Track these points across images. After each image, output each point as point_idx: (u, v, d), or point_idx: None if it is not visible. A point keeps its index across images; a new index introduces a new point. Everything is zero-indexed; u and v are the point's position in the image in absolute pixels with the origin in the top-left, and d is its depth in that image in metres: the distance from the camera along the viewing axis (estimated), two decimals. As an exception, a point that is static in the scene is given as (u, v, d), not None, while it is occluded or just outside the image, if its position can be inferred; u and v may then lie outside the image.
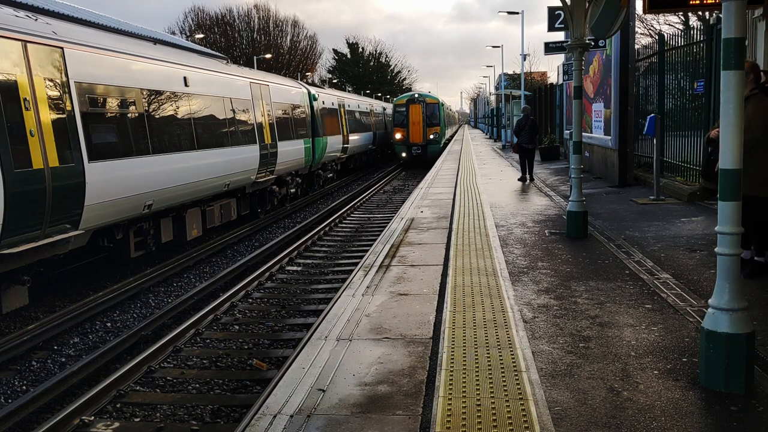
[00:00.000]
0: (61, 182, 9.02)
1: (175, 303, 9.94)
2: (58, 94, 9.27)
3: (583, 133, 13.41)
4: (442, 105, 36.84)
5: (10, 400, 6.83)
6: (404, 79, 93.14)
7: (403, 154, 34.82)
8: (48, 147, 8.83)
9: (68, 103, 9.43)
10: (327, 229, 15.85)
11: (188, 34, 56.76)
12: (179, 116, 12.93)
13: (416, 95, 36.41)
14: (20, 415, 6.27)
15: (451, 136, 54.56)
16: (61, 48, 9.45)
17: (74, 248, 9.60)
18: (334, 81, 78.07)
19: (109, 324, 9.43)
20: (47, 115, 8.90)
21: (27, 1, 9.57)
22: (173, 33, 52.32)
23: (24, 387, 7.28)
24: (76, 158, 9.47)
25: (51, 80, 9.13)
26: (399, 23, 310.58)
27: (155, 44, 14.33)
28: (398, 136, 35.05)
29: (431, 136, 34.82)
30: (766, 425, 3.70)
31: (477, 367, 4.52)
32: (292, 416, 3.94)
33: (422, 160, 33.73)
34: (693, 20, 32.27)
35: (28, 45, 8.71)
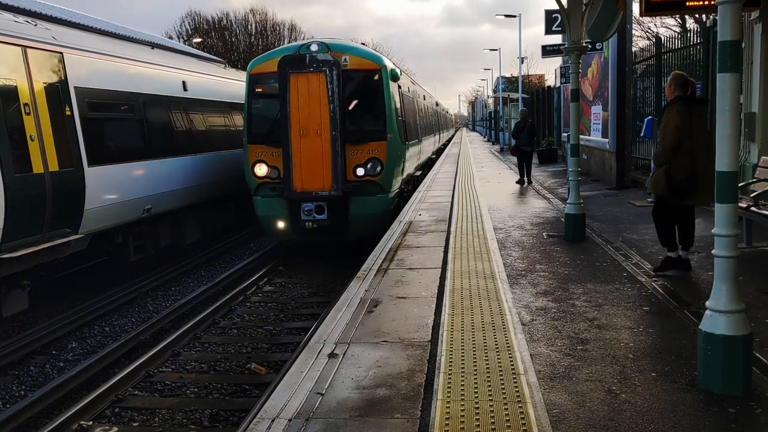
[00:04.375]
0: (61, 186, 9.04)
1: (173, 307, 9.93)
2: (58, 98, 9.30)
3: (581, 136, 13.44)
4: (393, 74, 12.64)
5: (8, 405, 6.82)
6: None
7: (280, 226, 12.17)
8: (48, 151, 8.85)
9: (68, 108, 9.46)
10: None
11: (185, 38, 56.77)
12: (178, 120, 12.94)
13: (311, 46, 11.91)
14: (18, 420, 6.26)
15: (446, 143, 45.55)
16: (61, 53, 9.48)
17: (74, 252, 9.61)
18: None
19: (107, 328, 9.41)
20: (47, 120, 8.93)
21: (27, 6, 9.63)
22: (170, 37, 52.28)
23: (22, 392, 7.27)
24: (76, 163, 9.49)
25: (51, 85, 9.16)
26: (390, 27, 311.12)
27: (153, 48, 14.34)
28: (261, 171, 12.21)
29: (360, 171, 11.97)
30: (764, 427, 3.71)
31: (475, 370, 4.52)
32: (290, 420, 3.93)
33: (335, 237, 12.24)
34: (690, 23, 32.37)
35: (28, 50, 8.74)
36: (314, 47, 11.62)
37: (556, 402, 4.03)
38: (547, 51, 22.17)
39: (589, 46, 13.48)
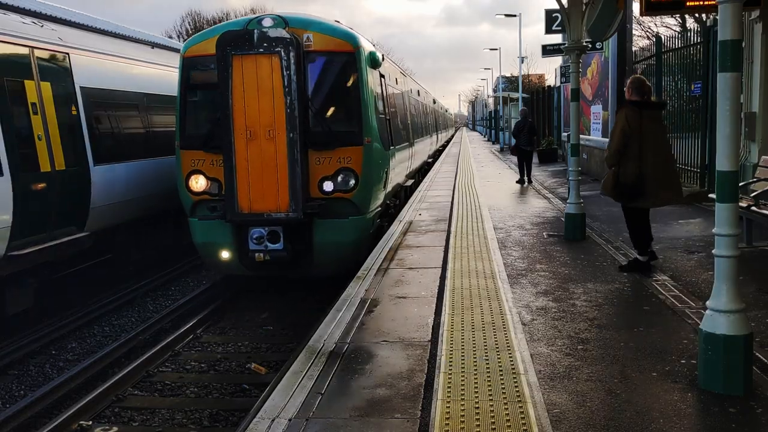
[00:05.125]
0: (67, 185, 9.11)
1: (173, 307, 9.92)
2: (65, 98, 9.35)
3: (582, 136, 13.43)
4: (372, 58, 9.67)
5: (8, 405, 6.81)
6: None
7: (223, 257, 9.24)
8: (55, 150, 8.93)
9: (74, 108, 9.52)
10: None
11: (186, 38, 56.82)
12: None
13: (263, 20, 8.94)
14: (18, 420, 6.26)
15: (445, 144, 42.98)
16: (67, 53, 9.55)
17: (79, 249, 9.64)
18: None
19: (107, 328, 9.41)
20: (54, 120, 9.00)
21: (32, 7, 9.72)
22: (170, 37, 52.34)
23: (22, 392, 7.27)
24: (82, 161, 9.57)
25: (57, 85, 9.20)
26: (389, 26, 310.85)
27: (153, 48, 14.33)
28: (197, 185, 9.22)
29: (328, 185, 9.01)
30: (765, 427, 3.70)
31: (475, 369, 4.51)
32: (290, 420, 3.93)
33: (295, 272, 9.39)
34: (690, 22, 32.37)
35: (35, 50, 8.79)
36: (267, 22, 8.78)
37: (557, 402, 4.03)
38: (547, 50, 22.19)
39: (589, 46, 13.48)
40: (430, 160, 24.66)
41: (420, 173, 20.16)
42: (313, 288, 10.23)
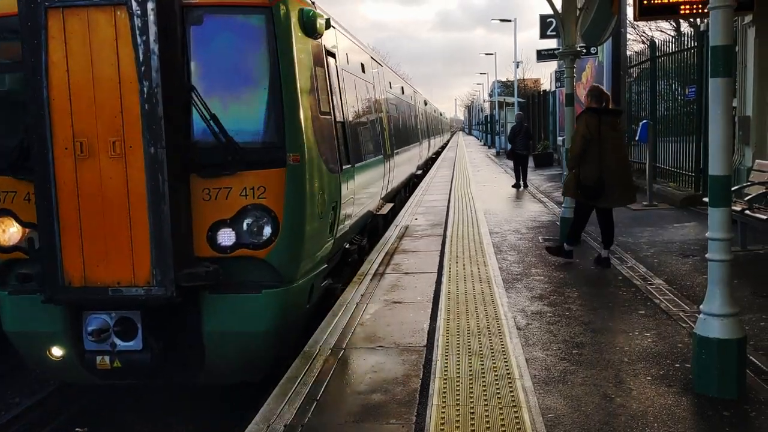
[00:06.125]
0: None
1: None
2: None
3: (576, 140, 13.45)
4: (306, 19, 5.75)
5: (3, 412, 6.78)
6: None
7: (54, 355, 5.45)
8: None
9: None
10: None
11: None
12: None
13: None
14: (12, 428, 6.23)
15: (439, 151, 39.19)
16: None
17: None
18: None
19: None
20: None
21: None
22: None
23: (16, 399, 7.23)
24: None
25: None
26: (384, 31, 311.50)
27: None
28: (3, 234, 5.40)
29: (225, 236, 5.28)
30: (759, 430, 3.72)
31: (471, 374, 4.52)
32: (286, 426, 3.93)
33: (169, 381, 5.64)
34: (685, 26, 32.49)
35: None
36: None
37: (552, 406, 4.04)
38: (542, 56, 22.28)
39: (584, 51, 13.55)
40: (419, 172, 20.61)
41: (407, 187, 17.38)
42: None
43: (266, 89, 5.47)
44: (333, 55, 7.33)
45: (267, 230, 5.28)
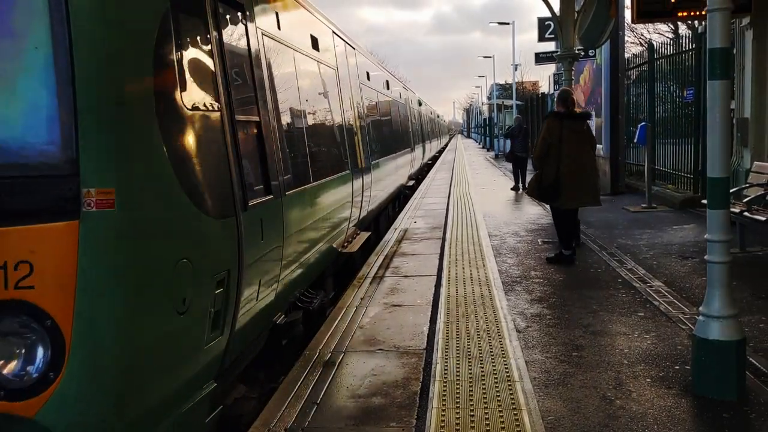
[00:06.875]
0: None
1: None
2: None
3: (575, 142, 13.47)
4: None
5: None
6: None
7: None
8: None
9: None
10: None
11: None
12: None
13: None
14: None
15: (437, 155, 38.51)
16: None
17: None
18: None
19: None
20: None
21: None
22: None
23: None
24: None
25: None
26: (381, 34, 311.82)
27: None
28: None
29: None
30: (758, 432, 3.72)
31: (470, 377, 4.52)
32: (286, 430, 3.93)
33: None
34: (683, 29, 32.55)
35: None
36: None
37: (551, 409, 4.04)
38: (541, 58, 22.34)
39: (582, 53, 13.57)
40: (411, 183, 18.31)
41: (396, 199, 15.72)
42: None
43: (38, 57, 2.75)
44: (248, 16, 4.51)
45: (38, 356, 2.70)
